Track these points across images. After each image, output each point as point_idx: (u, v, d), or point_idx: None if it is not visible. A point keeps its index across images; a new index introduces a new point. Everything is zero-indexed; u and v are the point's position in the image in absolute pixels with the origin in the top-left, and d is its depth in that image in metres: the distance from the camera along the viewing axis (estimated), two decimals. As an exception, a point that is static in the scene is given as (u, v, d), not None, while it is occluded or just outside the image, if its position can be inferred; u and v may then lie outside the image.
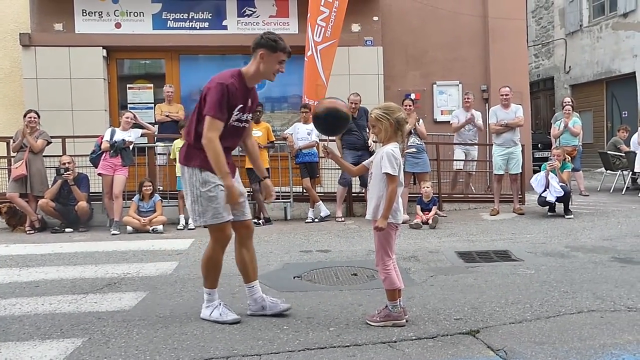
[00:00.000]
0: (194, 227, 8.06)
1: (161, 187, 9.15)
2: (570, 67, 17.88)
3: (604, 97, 16.81)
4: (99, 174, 8.41)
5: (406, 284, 4.05)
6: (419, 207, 8.23)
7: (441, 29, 11.73)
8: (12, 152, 8.66)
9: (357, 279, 5.00)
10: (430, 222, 7.88)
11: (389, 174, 3.56)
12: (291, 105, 11.23)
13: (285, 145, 9.09)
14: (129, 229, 8.09)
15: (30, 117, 8.36)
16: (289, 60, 3.79)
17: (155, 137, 9.42)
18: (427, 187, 8.29)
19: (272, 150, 8.98)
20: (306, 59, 9.58)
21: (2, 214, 8.43)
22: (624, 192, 10.68)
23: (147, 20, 10.65)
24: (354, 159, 7.87)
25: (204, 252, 3.89)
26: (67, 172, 8.17)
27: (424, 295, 4.37)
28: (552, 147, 10.07)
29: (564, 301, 4.09)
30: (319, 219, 8.65)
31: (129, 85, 10.99)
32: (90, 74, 10.31)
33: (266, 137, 8.71)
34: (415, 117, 8.63)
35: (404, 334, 3.48)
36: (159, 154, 9.32)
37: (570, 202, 8.38)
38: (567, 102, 10.82)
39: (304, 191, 8.92)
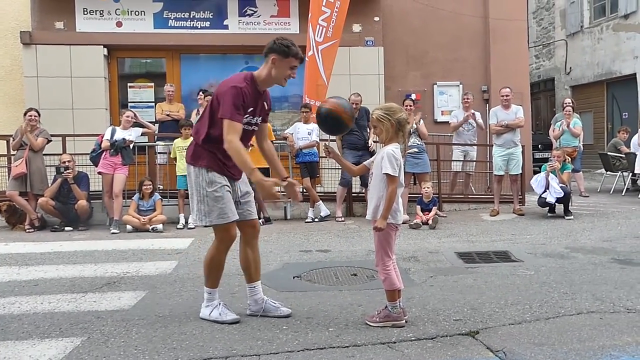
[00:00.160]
0: (193, 227, 8.07)
1: (161, 186, 9.16)
2: (570, 68, 17.88)
3: (605, 98, 16.80)
4: (99, 173, 8.41)
5: (406, 284, 4.05)
6: (419, 207, 8.23)
7: (442, 30, 11.73)
8: (12, 150, 8.67)
9: (357, 279, 5.00)
10: (430, 222, 7.88)
11: (389, 175, 3.56)
12: (292, 105, 11.22)
13: (285, 144, 9.09)
14: (129, 228, 8.09)
15: (30, 116, 8.36)
16: None
17: (155, 136, 9.46)
18: (428, 188, 8.29)
19: (272, 149, 8.97)
20: (307, 58, 9.56)
21: (2, 212, 8.42)
22: (624, 194, 10.68)
23: (148, 19, 10.66)
24: (355, 159, 7.86)
25: (208, 251, 3.90)
26: (67, 171, 8.17)
27: (423, 295, 4.36)
28: (553, 148, 10.08)
29: (564, 302, 4.09)
30: (318, 219, 8.65)
31: (129, 84, 11.00)
32: (91, 72, 10.32)
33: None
34: (419, 116, 8.64)
35: (404, 334, 3.48)
36: (159, 153, 9.33)
37: (570, 203, 8.38)
38: (568, 103, 10.81)
39: (304, 191, 8.91)
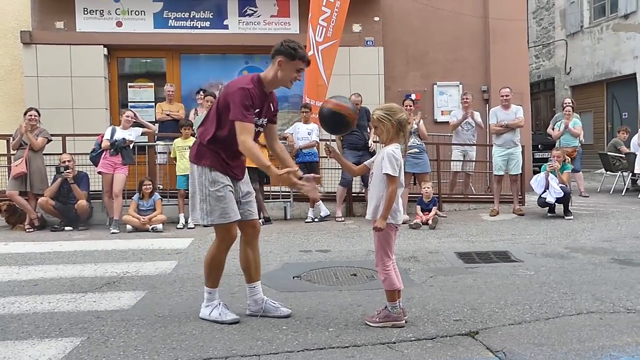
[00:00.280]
0: (193, 226, 8.07)
1: (161, 186, 9.16)
2: (570, 68, 17.88)
3: (604, 98, 16.80)
4: (99, 173, 8.41)
5: (406, 284, 4.05)
6: (419, 207, 8.23)
7: (442, 30, 11.73)
8: (12, 150, 8.66)
9: (357, 279, 5.00)
10: (430, 222, 7.88)
11: (389, 175, 3.56)
12: (292, 104, 11.21)
13: (285, 144, 9.07)
14: (129, 227, 8.09)
15: (30, 115, 8.36)
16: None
17: (155, 136, 9.45)
18: (428, 188, 8.29)
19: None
20: (307, 58, 9.56)
21: (2, 212, 8.41)
22: (623, 194, 10.68)
23: (148, 19, 10.65)
24: (355, 159, 7.87)
25: (208, 250, 3.90)
26: (67, 171, 8.16)
27: (423, 296, 4.36)
28: (553, 148, 10.07)
29: (564, 302, 4.09)
30: (318, 219, 8.65)
31: (129, 83, 11.00)
32: (91, 72, 10.32)
33: (266, 136, 8.71)
34: (420, 116, 8.63)
35: (403, 334, 3.48)
36: (159, 153, 9.33)
37: (570, 203, 8.38)
38: (568, 103, 10.81)
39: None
